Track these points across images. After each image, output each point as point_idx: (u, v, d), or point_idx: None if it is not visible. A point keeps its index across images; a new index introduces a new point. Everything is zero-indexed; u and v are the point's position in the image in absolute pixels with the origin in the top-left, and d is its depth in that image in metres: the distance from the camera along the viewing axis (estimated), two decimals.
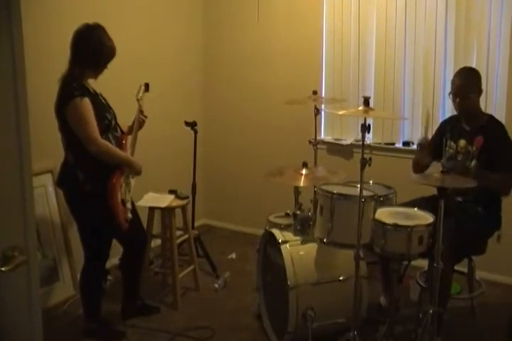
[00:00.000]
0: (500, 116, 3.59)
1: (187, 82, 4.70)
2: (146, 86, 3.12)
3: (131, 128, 3.06)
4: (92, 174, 2.82)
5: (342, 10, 4.12)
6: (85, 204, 2.87)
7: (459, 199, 3.03)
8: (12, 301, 1.46)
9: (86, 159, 2.79)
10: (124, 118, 3.06)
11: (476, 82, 3.03)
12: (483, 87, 3.43)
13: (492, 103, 3.67)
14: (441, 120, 3.82)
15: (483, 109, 3.21)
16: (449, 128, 3.17)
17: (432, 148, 3.23)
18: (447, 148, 3.14)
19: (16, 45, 1.36)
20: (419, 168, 3.21)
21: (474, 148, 2.97)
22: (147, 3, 4.16)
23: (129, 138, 3.04)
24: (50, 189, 3.47)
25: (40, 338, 1.57)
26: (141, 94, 3.07)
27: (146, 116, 3.09)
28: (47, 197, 3.45)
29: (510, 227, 3.11)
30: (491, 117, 3.09)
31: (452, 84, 3.05)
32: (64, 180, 2.91)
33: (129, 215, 2.97)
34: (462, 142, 3.05)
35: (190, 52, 4.70)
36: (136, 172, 2.98)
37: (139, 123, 3.06)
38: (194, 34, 4.72)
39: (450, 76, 3.24)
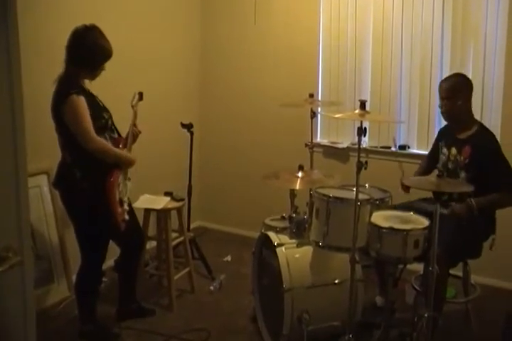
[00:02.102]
0: (496, 122, 3.61)
1: (184, 84, 4.70)
2: (140, 95, 3.12)
3: (125, 142, 3.05)
4: (89, 173, 2.82)
5: (339, 14, 4.13)
6: (82, 203, 2.86)
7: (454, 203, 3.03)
8: (6, 302, 1.46)
9: (83, 158, 2.79)
10: (122, 121, 3.05)
11: (463, 87, 3.00)
12: (479, 92, 3.44)
13: (488, 109, 3.67)
14: (437, 124, 3.85)
15: (479, 116, 3.20)
16: (444, 136, 3.18)
17: (432, 155, 3.27)
18: (441, 155, 3.14)
19: (12, 45, 1.35)
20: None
21: (462, 158, 2.97)
22: (145, 5, 4.16)
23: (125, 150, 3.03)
24: (46, 190, 3.46)
25: (34, 340, 1.57)
26: (135, 102, 3.08)
27: (140, 131, 3.10)
28: (42, 197, 3.44)
29: (504, 231, 3.11)
30: (481, 126, 3.03)
31: (439, 87, 3.05)
32: (61, 180, 2.91)
33: (126, 216, 2.97)
34: (453, 150, 3.05)
35: (187, 54, 4.70)
36: (129, 164, 2.97)
37: (133, 136, 3.06)
38: (191, 36, 4.73)
39: None
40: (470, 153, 2.93)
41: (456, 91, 2.97)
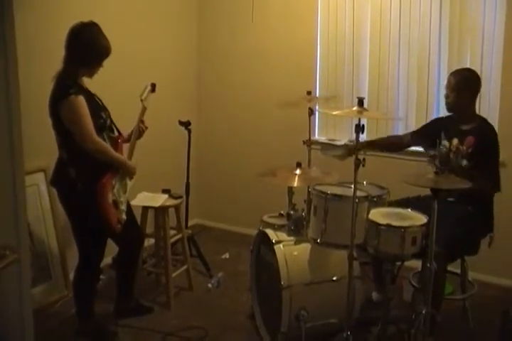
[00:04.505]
0: (493, 117, 3.61)
1: (181, 82, 4.69)
2: (153, 86, 3.08)
3: (129, 137, 3.04)
4: (84, 172, 2.80)
5: (336, 11, 4.12)
6: (77, 203, 2.85)
7: (451, 199, 3.04)
8: (3, 300, 1.46)
9: (79, 157, 2.78)
10: (117, 120, 3.03)
11: (471, 82, 3.04)
12: None
13: (486, 104, 3.67)
14: None
15: (477, 110, 3.23)
16: (444, 128, 3.19)
17: (421, 137, 3.32)
18: (441, 147, 3.15)
19: (8, 42, 1.35)
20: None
21: (465, 148, 2.99)
22: (143, 3, 4.15)
23: (126, 146, 3.01)
24: (43, 188, 3.44)
25: (31, 338, 1.56)
26: (145, 95, 3.04)
27: (146, 127, 3.08)
28: (39, 195, 3.43)
29: (502, 229, 3.12)
30: (484, 119, 3.11)
31: (448, 78, 3.08)
32: (57, 179, 2.90)
33: (123, 217, 2.95)
34: (455, 141, 3.07)
35: (184, 52, 4.69)
36: (130, 173, 2.97)
37: (138, 132, 3.04)
38: (189, 34, 4.71)
39: (444, 77, 3.25)
40: (474, 142, 2.96)
41: (465, 85, 3.01)
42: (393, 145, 3.49)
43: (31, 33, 3.19)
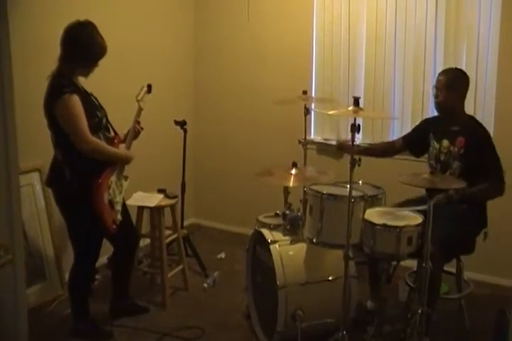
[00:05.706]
0: (488, 118, 3.62)
1: (177, 82, 4.68)
2: (149, 87, 3.08)
3: (125, 137, 3.03)
4: (80, 172, 2.79)
5: (332, 10, 4.12)
6: (73, 204, 2.84)
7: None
8: None
9: (74, 157, 2.77)
10: (113, 120, 3.02)
11: (460, 80, 3.03)
12: (472, 89, 3.44)
13: (481, 105, 3.68)
14: None
15: (472, 113, 3.22)
16: (432, 129, 3.18)
17: (411, 141, 3.30)
18: (431, 149, 3.15)
19: (1, 40, 1.34)
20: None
21: (456, 149, 2.98)
22: (139, 2, 4.14)
23: (122, 146, 3.01)
24: (38, 187, 3.43)
25: (26, 338, 1.56)
26: (141, 95, 3.04)
27: (142, 128, 3.07)
28: (34, 195, 3.42)
29: (496, 227, 3.12)
30: (472, 118, 3.09)
31: (437, 78, 3.07)
32: (52, 179, 2.89)
33: (119, 217, 2.94)
34: (445, 142, 3.06)
35: (180, 52, 4.69)
36: (127, 161, 2.97)
37: (134, 133, 3.03)
38: (185, 33, 4.71)
39: None
40: (464, 142, 2.94)
41: (454, 84, 3.00)
42: (385, 152, 3.47)
43: (27, 31, 3.18)
